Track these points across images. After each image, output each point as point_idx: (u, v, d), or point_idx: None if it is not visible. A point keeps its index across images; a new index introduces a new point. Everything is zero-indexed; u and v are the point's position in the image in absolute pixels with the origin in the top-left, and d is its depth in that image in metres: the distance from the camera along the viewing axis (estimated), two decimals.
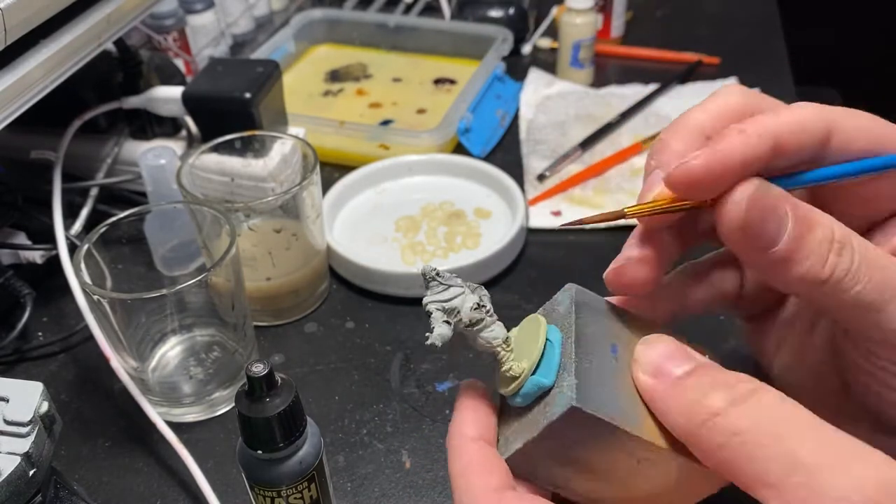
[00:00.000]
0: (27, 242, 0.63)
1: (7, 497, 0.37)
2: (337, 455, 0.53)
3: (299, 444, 0.41)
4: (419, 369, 0.59)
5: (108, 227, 0.54)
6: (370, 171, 0.76)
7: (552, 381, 0.32)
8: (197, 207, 0.57)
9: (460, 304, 0.32)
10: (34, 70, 0.52)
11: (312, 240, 0.63)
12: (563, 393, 0.31)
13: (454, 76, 0.94)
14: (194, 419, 0.56)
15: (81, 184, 0.69)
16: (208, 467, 0.51)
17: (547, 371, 0.32)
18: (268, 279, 0.62)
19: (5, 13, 0.48)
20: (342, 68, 0.97)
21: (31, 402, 0.39)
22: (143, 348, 0.57)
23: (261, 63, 0.71)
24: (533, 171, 0.78)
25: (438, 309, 0.32)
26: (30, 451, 0.38)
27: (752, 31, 1.02)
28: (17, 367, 0.61)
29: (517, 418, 0.34)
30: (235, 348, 0.58)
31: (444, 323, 0.32)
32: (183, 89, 0.68)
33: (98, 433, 0.55)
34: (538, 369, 0.33)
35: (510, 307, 0.63)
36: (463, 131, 0.80)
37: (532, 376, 0.33)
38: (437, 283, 0.32)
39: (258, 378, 0.39)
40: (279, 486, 0.41)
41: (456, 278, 0.33)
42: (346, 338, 0.62)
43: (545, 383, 0.32)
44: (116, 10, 0.60)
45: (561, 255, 0.70)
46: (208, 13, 0.93)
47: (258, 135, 0.64)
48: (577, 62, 0.91)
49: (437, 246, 0.69)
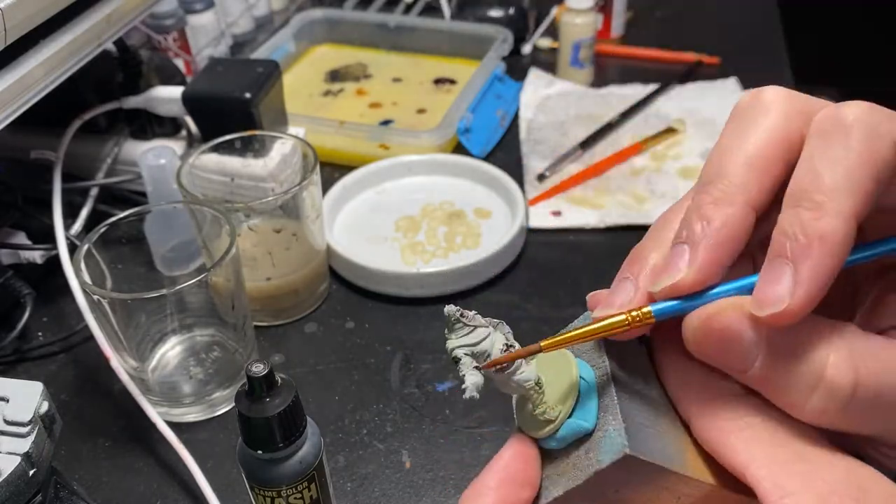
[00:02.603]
0: (27, 242, 0.63)
1: (7, 497, 0.37)
2: (337, 455, 0.53)
3: (299, 443, 0.41)
4: (419, 369, 0.59)
5: (108, 227, 0.54)
6: (370, 171, 0.76)
7: (593, 423, 0.30)
8: (197, 207, 0.57)
9: (489, 347, 0.29)
10: (34, 70, 0.52)
11: (312, 240, 0.63)
12: (610, 437, 0.29)
13: (454, 76, 0.94)
14: (194, 419, 0.56)
15: (81, 184, 0.69)
16: (208, 467, 0.51)
17: (585, 413, 0.30)
18: (268, 279, 0.62)
19: (5, 13, 0.48)
20: (342, 68, 0.97)
21: (32, 402, 0.39)
22: (143, 348, 0.57)
23: (261, 63, 0.71)
24: (533, 171, 0.78)
25: (467, 354, 0.29)
26: (30, 450, 0.38)
27: (752, 31, 1.03)
28: (17, 367, 0.61)
29: (552, 462, 0.32)
30: (235, 348, 0.58)
31: (475, 369, 0.29)
32: (183, 89, 0.68)
33: (98, 433, 0.55)
34: (574, 411, 0.30)
35: (510, 307, 0.63)
36: (463, 131, 0.80)
37: (569, 419, 0.30)
38: (462, 324, 0.29)
39: (258, 378, 0.39)
40: (279, 485, 0.41)
41: (477, 316, 0.30)
42: (346, 338, 0.62)
43: (586, 427, 0.30)
44: (116, 10, 0.60)
45: (561, 255, 0.70)
46: (208, 13, 0.92)
47: (258, 135, 0.64)
48: (578, 62, 0.91)
49: (437, 246, 0.69)
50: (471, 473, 0.51)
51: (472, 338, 0.29)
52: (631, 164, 0.79)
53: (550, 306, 0.64)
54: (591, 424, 0.30)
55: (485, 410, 0.55)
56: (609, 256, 0.69)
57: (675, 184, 0.76)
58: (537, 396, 0.30)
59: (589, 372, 0.31)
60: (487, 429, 0.54)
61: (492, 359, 0.29)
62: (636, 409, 0.30)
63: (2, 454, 0.38)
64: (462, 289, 0.64)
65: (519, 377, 0.30)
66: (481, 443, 0.53)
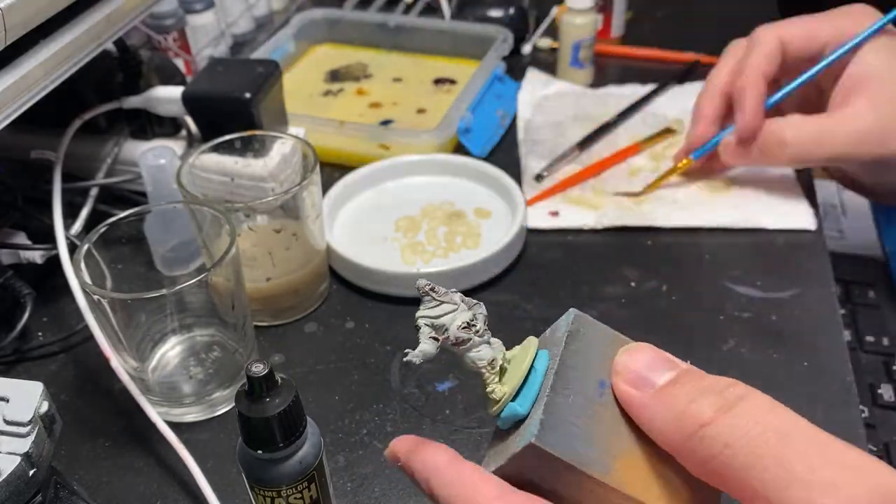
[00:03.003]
0: (27, 242, 0.63)
1: (7, 497, 0.37)
2: (337, 455, 0.53)
3: (299, 443, 0.41)
4: (419, 369, 0.59)
5: (108, 227, 0.54)
6: (370, 171, 0.76)
7: (527, 410, 0.32)
8: (197, 207, 0.57)
9: (449, 322, 0.32)
10: (34, 70, 0.52)
11: (312, 240, 0.63)
12: (529, 426, 0.31)
13: (454, 76, 0.94)
14: (194, 419, 0.56)
15: (81, 184, 0.69)
16: (208, 467, 0.51)
17: (525, 399, 0.32)
18: (268, 279, 0.62)
19: (5, 13, 0.48)
20: (342, 68, 0.97)
21: (32, 402, 0.39)
22: (143, 348, 0.57)
23: (261, 63, 0.71)
24: (531, 172, 0.78)
25: (427, 325, 0.32)
26: (30, 450, 0.38)
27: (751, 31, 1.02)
28: (17, 366, 0.61)
29: (499, 441, 0.34)
30: (235, 348, 0.58)
31: (430, 339, 0.32)
32: (183, 89, 0.68)
33: (98, 433, 0.56)
34: (518, 396, 0.32)
35: (510, 307, 0.63)
36: (463, 131, 0.80)
37: (511, 402, 0.32)
38: (431, 298, 0.32)
39: (258, 378, 0.39)
40: (279, 485, 0.42)
41: (454, 294, 0.33)
42: (346, 338, 0.62)
43: (520, 412, 0.32)
44: (116, 10, 0.60)
45: (560, 255, 0.70)
46: (208, 13, 0.93)
47: (258, 135, 0.64)
48: (578, 62, 0.91)
49: (437, 246, 0.69)
50: None
51: (436, 311, 0.32)
52: (629, 164, 0.79)
53: (550, 306, 0.64)
54: (524, 410, 0.32)
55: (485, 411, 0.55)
56: (608, 257, 0.70)
57: (672, 184, 0.76)
58: (488, 376, 0.33)
59: (544, 363, 0.33)
60: (487, 429, 0.54)
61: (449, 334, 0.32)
62: (571, 408, 0.31)
63: (2, 454, 0.38)
64: (462, 288, 0.64)
65: (473, 354, 0.32)
66: (481, 443, 0.53)
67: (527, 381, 0.33)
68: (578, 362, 0.33)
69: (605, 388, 0.32)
